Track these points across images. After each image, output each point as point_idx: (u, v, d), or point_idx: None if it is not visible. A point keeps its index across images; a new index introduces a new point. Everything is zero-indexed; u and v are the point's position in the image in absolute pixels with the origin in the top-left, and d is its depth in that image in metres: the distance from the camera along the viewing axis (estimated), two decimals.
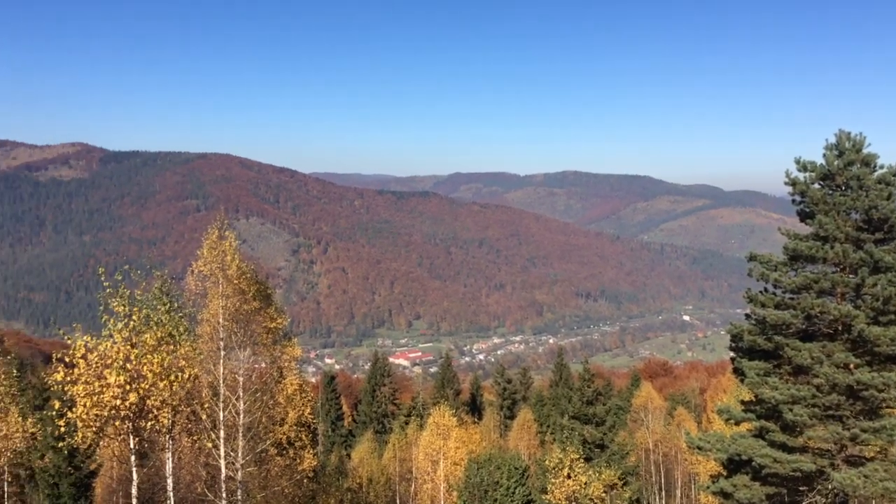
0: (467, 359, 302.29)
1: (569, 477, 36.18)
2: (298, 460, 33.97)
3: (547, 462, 38.22)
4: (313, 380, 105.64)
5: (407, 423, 61.83)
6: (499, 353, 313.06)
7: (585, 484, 35.81)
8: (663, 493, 60.61)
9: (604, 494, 36.47)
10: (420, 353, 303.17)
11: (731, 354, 26.94)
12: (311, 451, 36.35)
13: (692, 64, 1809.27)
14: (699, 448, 26.69)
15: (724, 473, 26.17)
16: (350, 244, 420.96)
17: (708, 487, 26.65)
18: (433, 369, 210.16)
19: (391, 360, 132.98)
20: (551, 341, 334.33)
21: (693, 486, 57.57)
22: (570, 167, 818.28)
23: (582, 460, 36.87)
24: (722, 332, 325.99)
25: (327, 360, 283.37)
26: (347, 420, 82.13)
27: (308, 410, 37.11)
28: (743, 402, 26.71)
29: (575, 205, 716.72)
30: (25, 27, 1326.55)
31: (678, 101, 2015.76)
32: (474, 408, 77.96)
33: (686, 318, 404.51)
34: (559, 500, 36.06)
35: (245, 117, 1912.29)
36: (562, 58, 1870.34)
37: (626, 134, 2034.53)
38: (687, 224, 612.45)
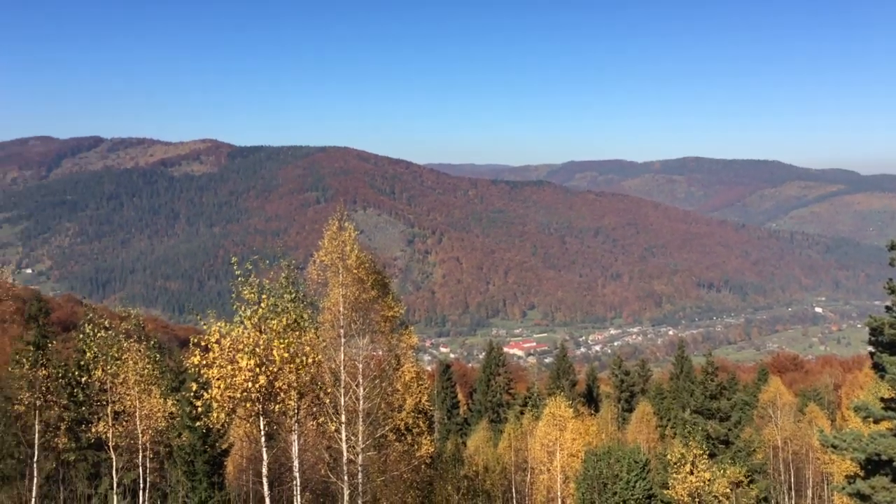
0: (583, 350, 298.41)
1: (691, 473, 35.08)
2: (416, 446, 34.55)
3: (668, 456, 37.19)
4: (429, 368, 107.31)
5: (522, 413, 61.65)
6: (615, 344, 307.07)
7: (709, 480, 34.60)
8: (793, 492, 57.68)
9: (728, 492, 35.12)
10: (534, 344, 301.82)
11: (870, 349, 25.29)
12: (428, 438, 36.90)
13: (821, 42, 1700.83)
14: (834, 447, 25.22)
15: (861, 474, 24.62)
16: (464, 234, 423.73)
17: (843, 489, 25.16)
18: (548, 360, 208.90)
19: (505, 349, 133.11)
20: (671, 333, 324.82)
21: (826, 487, 54.48)
22: (691, 153, 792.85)
23: (705, 456, 35.63)
24: (859, 326, 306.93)
25: (442, 349, 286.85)
26: (463, 408, 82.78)
27: (425, 398, 37.68)
28: (883, 400, 25.01)
29: (696, 192, 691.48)
30: (161, 33, 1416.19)
31: (807, 82, 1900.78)
32: (591, 399, 76.84)
33: (818, 310, 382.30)
34: (681, 495, 35.04)
35: (362, 111, 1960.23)
36: (678, 42, 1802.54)
37: (751, 118, 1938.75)
38: (819, 211, 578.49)
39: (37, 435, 31.01)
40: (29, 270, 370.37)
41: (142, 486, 30.75)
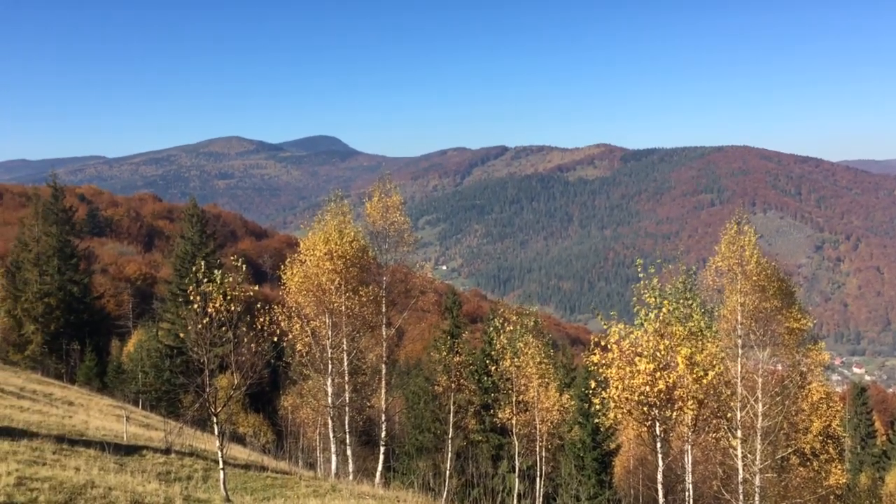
0: None
1: None
2: (824, 474, 31.17)
3: None
4: (838, 389, 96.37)
5: None
6: None
7: None
8: None
9: None
10: None
11: None
12: (839, 467, 33.04)
13: None
14: None
15: None
16: (887, 240, 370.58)
17: None
18: None
19: None
20: None
21: None
22: None
23: None
24: None
25: (855, 370, 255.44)
26: (880, 439, 72.80)
27: (836, 422, 33.79)
28: None
29: None
30: (556, 50, 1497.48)
31: None
32: None
33: None
34: None
35: (762, 106, 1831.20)
36: None
37: None
38: None
39: (451, 414, 34.90)
40: (444, 267, 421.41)
41: (538, 473, 32.77)
